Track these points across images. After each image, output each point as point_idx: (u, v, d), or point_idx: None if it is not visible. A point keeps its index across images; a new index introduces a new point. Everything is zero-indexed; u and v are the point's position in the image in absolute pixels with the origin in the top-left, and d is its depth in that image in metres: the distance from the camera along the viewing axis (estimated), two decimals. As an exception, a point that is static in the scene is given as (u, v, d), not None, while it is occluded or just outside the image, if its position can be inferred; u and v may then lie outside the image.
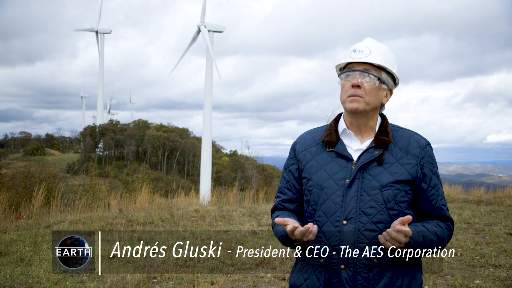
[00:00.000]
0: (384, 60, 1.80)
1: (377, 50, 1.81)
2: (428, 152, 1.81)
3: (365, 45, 1.83)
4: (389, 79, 1.84)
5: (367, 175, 1.75)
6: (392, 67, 1.83)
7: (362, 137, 1.84)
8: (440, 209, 1.80)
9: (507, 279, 4.84)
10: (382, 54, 1.81)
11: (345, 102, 1.81)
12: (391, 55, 1.86)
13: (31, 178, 12.54)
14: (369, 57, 1.79)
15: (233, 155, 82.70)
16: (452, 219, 1.84)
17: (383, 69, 1.81)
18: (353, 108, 1.78)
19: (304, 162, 1.88)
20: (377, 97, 1.80)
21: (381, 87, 1.80)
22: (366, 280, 1.68)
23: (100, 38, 74.35)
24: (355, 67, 1.80)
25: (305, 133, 1.98)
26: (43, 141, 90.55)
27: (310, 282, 1.77)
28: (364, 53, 1.80)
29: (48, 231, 7.46)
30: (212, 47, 36.68)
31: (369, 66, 1.79)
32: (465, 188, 14.83)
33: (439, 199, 1.80)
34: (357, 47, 1.83)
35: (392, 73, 1.84)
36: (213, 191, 13.10)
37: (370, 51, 1.80)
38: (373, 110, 1.82)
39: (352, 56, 1.82)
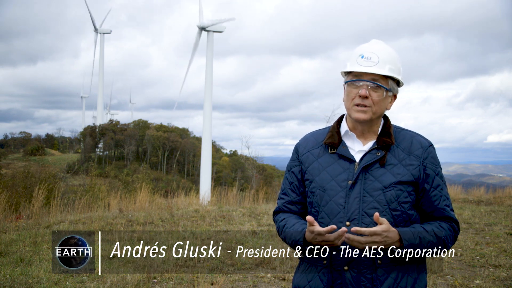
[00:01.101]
0: (392, 69, 1.78)
1: (386, 57, 1.77)
2: (431, 153, 1.80)
3: (372, 50, 1.78)
4: (394, 85, 1.82)
5: (369, 176, 1.75)
6: (398, 74, 1.81)
7: (365, 139, 1.84)
8: (443, 209, 1.79)
9: (507, 279, 4.84)
10: (390, 61, 1.78)
11: (351, 110, 1.79)
12: (398, 60, 1.82)
13: (31, 178, 12.54)
14: (378, 66, 1.75)
15: (233, 155, 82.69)
16: (457, 220, 1.82)
17: (390, 78, 1.79)
18: (360, 119, 1.77)
19: (306, 164, 1.88)
20: (383, 106, 1.80)
21: (387, 95, 1.79)
22: (370, 281, 1.67)
23: (100, 38, 74.38)
24: (363, 77, 1.76)
25: (308, 134, 1.98)
26: (43, 141, 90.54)
27: (313, 283, 1.77)
28: (372, 61, 1.75)
29: (48, 231, 7.45)
30: (212, 47, 36.68)
31: (377, 76, 1.76)
32: (465, 188, 14.83)
33: (442, 199, 1.79)
34: (364, 52, 1.78)
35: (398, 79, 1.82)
36: (213, 191, 13.10)
37: (379, 58, 1.76)
38: (378, 118, 1.82)
39: (360, 62, 1.77)
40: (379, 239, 1.63)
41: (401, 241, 1.67)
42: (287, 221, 1.86)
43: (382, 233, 1.63)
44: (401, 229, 1.69)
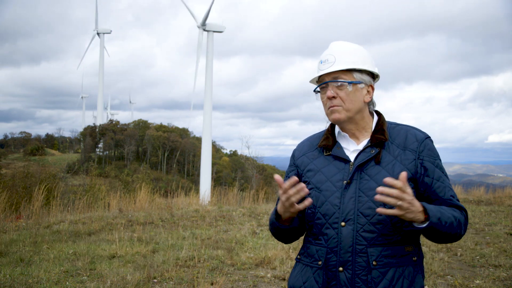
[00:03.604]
0: (352, 61, 1.77)
1: (342, 53, 1.78)
2: (428, 145, 1.76)
3: (329, 52, 1.80)
4: (364, 76, 1.79)
5: (364, 176, 1.73)
6: (363, 64, 1.79)
7: (358, 138, 1.82)
8: (450, 200, 1.72)
9: (507, 279, 4.84)
10: (348, 55, 1.78)
11: (328, 114, 1.81)
12: (361, 52, 1.81)
13: (31, 178, 12.55)
14: (334, 65, 1.76)
15: (233, 155, 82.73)
16: (465, 208, 1.75)
17: (354, 70, 1.77)
18: (335, 119, 1.77)
19: (302, 167, 1.88)
20: (357, 100, 1.77)
21: (357, 88, 1.77)
22: (365, 282, 1.66)
23: (100, 38, 74.41)
24: (325, 79, 1.78)
25: (304, 140, 1.99)
26: (43, 141, 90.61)
27: (308, 284, 1.76)
28: (329, 62, 1.77)
29: (48, 231, 7.45)
30: (212, 47, 36.68)
31: (338, 73, 1.76)
32: (465, 188, 14.83)
33: (447, 190, 1.73)
34: (323, 57, 1.81)
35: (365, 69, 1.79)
36: (213, 191, 13.10)
37: (335, 57, 1.77)
38: (358, 113, 1.79)
39: (320, 68, 1.80)
40: (408, 198, 1.52)
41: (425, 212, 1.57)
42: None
43: (410, 193, 1.53)
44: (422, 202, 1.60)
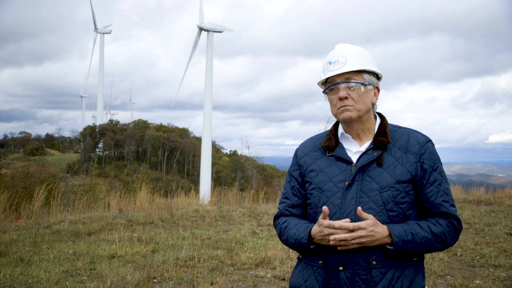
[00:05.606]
0: (362, 63, 1.79)
1: (352, 54, 1.80)
2: (429, 149, 1.78)
3: (339, 54, 1.82)
4: (371, 78, 1.82)
5: (366, 177, 1.74)
6: (371, 65, 1.82)
7: (361, 139, 1.84)
8: (440, 205, 1.75)
9: (507, 279, 4.83)
10: (358, 57, 1.80)
11: (337, 114, 1.81)
12: (367, 54, 1.85)
13: (31, 178, 12.56)
14: (346, 66, 1.78)
15: (233, 155, 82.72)
16: (456, 216, 1.76)
17: (364, 72, 1.80)
18: (347, 117, 1.78)
19: (305, 167, 1.89)
20: (366, 101, 1.80)
21: (367, 89, 1.80)
22: (365, 281, 1.67)
23: (100, 38, 74.40)
24: (336, 80, 1.79)
25: (307, 140, 2.01)
26: (43, 141, 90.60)
27: (309, 283, 1.77)
28: (340, 63, 1.79)
29: (48, 231, 7.45)
30: (212, 47, 36.67)
31: (349, 74, 1.78)
32: (465, 188, 14.83)
33: (439, 195, 1.75)
34: (331, 58, 1.82)
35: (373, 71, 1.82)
36: (213, 191, 13.09)
37: (346, 58, 1.79)
38: (366, 114, 1.82)
39: (330, 68, 1.81)
40: (365, 234, 1.61)
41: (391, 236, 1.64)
42: (289, 222, 1.86)
43: (367, 227, 1.61)
44: (391, 225, 1.67)
